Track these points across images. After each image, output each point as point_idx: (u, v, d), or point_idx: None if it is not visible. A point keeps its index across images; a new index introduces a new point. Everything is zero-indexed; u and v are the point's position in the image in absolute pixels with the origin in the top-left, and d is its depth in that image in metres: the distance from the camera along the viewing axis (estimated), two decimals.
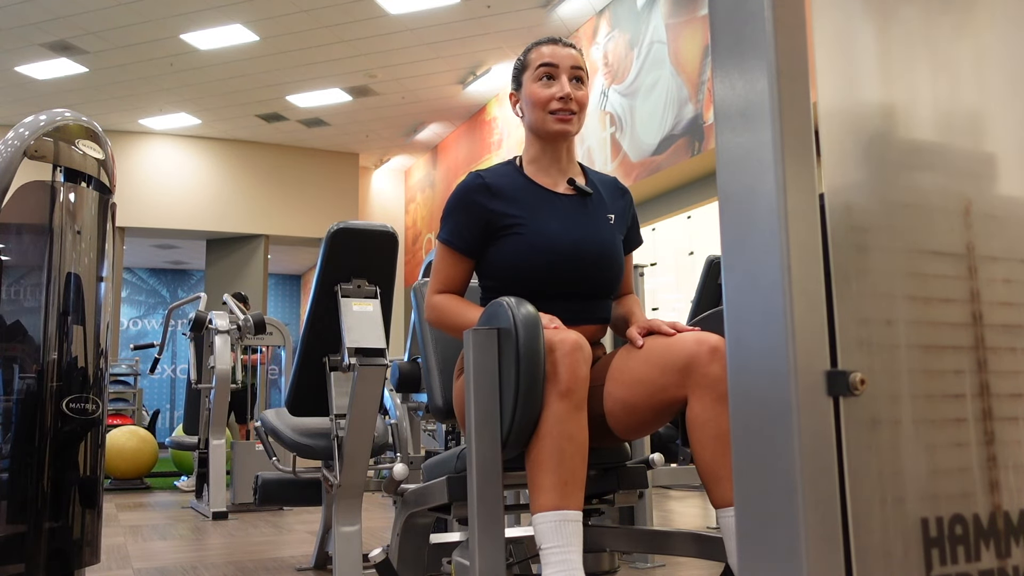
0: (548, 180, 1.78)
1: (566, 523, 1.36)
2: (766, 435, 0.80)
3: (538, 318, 1.49)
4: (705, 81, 6.26)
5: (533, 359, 1.43)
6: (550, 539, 1.35)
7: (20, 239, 2.09)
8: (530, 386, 1.43)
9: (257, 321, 4.78)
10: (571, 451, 1.40)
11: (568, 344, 1.45)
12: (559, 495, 1.38)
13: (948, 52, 0.99)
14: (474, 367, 1.48)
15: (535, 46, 1.79)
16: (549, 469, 1.39)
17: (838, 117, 0.88)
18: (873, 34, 0.93)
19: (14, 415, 1.97)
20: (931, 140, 0.95)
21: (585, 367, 1.45)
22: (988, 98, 1.02)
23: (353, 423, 2.44)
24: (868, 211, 0.88)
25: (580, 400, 1.43)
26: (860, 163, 0.89)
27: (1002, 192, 0.99)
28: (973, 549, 0.87)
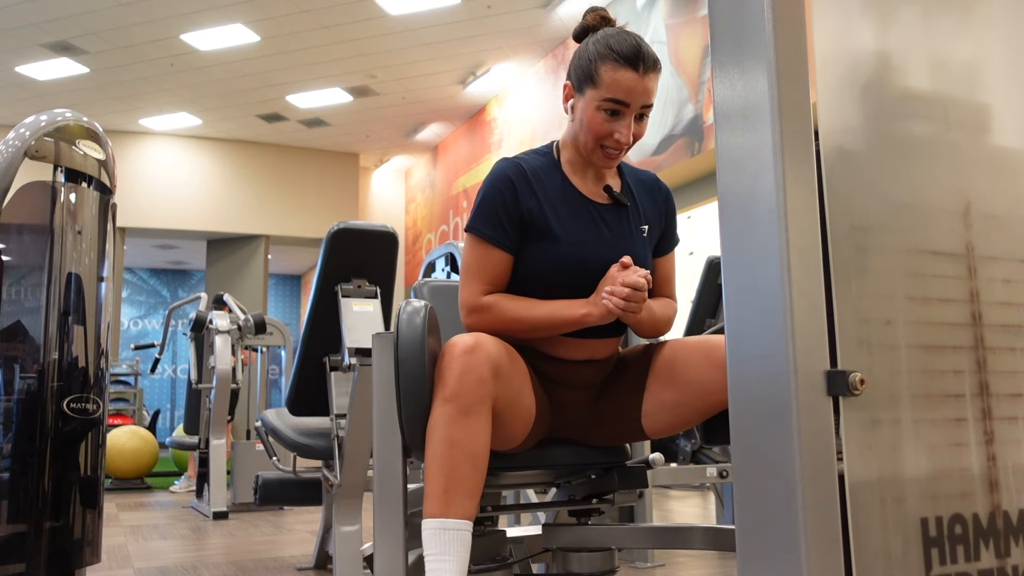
0: (585, 185, 1.65)
1: (444, 532, 1.33)
2: (766, 435, 0.80)
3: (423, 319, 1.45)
4: (705, 81, 6.26)
5: (411, 363, 1.41)
6: (428, 547, 1.34)
7: (21, 239, 2.09)
8: (409, 390, 1.41)
9: (257, 321, 4.78)
10: (455, 458, 1.36)
11: (458, 347, 1.40)
12: (439, 503, 1.35)
13: (947, 51, 0.99)
14: (375, 372, 1.49)
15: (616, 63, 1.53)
16: (432, 476, 1.36)
17: (838, 116, 0.88)
18: (872, 34, 0.93)
19: (15, 415, 1.97)
20: (931, 139, 0.95)
21: (481, 369, 1.38)
22: (988, 96, 1.02)
23: (353, 423, 2.44)
24: (868, 211, 0.88)
25: (470, 407, 1.37)
26: (860, 162, 0.89)
27: (1002, 191, 0.99)
28: (973, 549, 0.87)
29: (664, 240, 1.74)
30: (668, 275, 1.75)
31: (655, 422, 1.58)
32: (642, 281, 1.50)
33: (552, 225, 1.59)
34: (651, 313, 1.60)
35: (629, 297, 1.49)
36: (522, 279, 1.61)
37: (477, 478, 1.38)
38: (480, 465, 1.38)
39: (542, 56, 8.74)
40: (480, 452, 1.38)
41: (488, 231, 1.58)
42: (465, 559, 1.34)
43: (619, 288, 1.49)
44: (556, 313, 1.55)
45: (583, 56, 1.59)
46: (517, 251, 1.60)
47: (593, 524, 1.74)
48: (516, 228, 1.59)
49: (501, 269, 1.60)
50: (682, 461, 3.22)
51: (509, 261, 1.60)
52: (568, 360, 1.61)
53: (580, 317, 1.55)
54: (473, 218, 1.60)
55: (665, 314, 1.67)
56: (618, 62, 1.53)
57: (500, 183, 1.59)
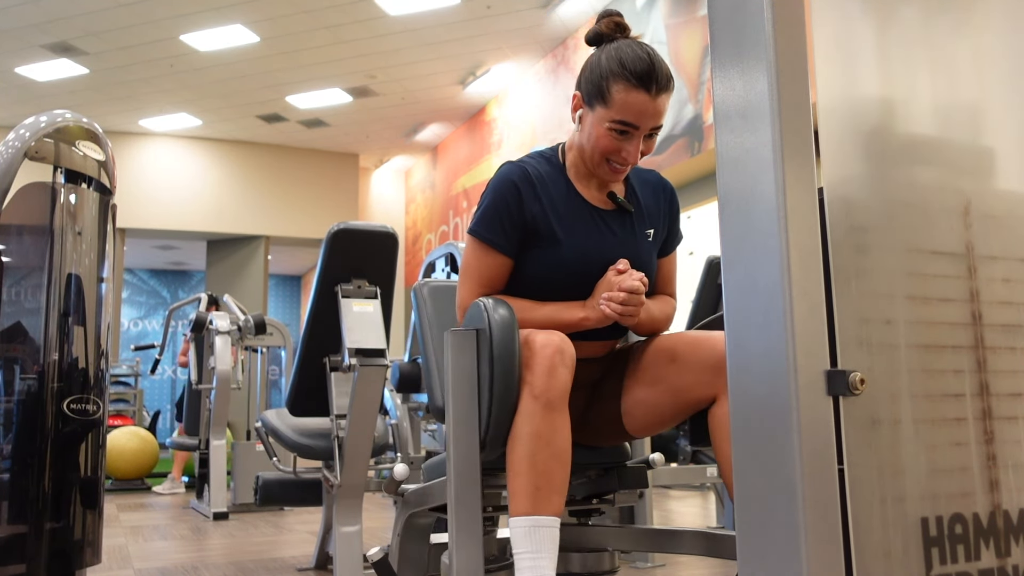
0: (590, 191, 1.64)
1: (538, 529, 1.33)
2: (766, 435, 0.80)
3: (513, 319, 1.45)
4: (705, 81, 6.26)
5: (506, 361, 1.42)
6: (521, 545, 1.33)
7: (21, 240, 2.09)
8: (503, 388, 1.41)
9: (257, 322, 4.78)
10: (545, 455, 1.36)
11: (547, 347, 1.41)
12: (531, 500, 1.35)
13: (947, 51, 0.99)
14: (452, 369, 1.49)
15: (628, 83, 1.50)
16: (522, 473, 1.36)
17: (837, 116, 0.88)
18: (872, 33, 0.94)
19: (15, 416, 1.97)
20: (930, 138, 0.95)
21: (564, 370, 1.40)
22: (987, 96, 1.02)
23: (353, 423, 2.44)
24: (868, 210, 0.88)
25: (556, 403, 1.39)
26: (860, 161, 0.89)
27: (1001, 190, 0.99)
28: (973, 548, 0.87)
29: (668, 239, 1.74)
30: (670, 274, 1.75)
31: (634, 421, 1.59)
32: (639, 285, 1.50)
33: (556, 230, 1.58)
34: (649, 314, 1.60)
35: (626, 301, 1.49)
36: (525, 283, 1.61)
37: (564, 474, 1.39)
38: (566, 461, 1.39)
39: (542, 56, 8.74)
40: (566, 448, 1.39)
41: (490, 235, 1.58)
42: (556, 556, 1.35)
43: (616, 293, 1.50)
44: (553, 316, 1.56)
45: (595, 70, 1.55)
46: (520, 255, 1.60)
47: (593, 524, 1.74)
48: (519, 233, 1.58)
49: (499, 273, 1.60)
50: (682, 461, 3.22)
51: (508, 266, 1.61)
52: None
53: (578, 321, 1.55)
54: (476, 221, 1.60)
55: (664, 313, 1.67)
56: (630, 83, 1.49)
57: (505, 188, 1.58)
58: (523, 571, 1.32)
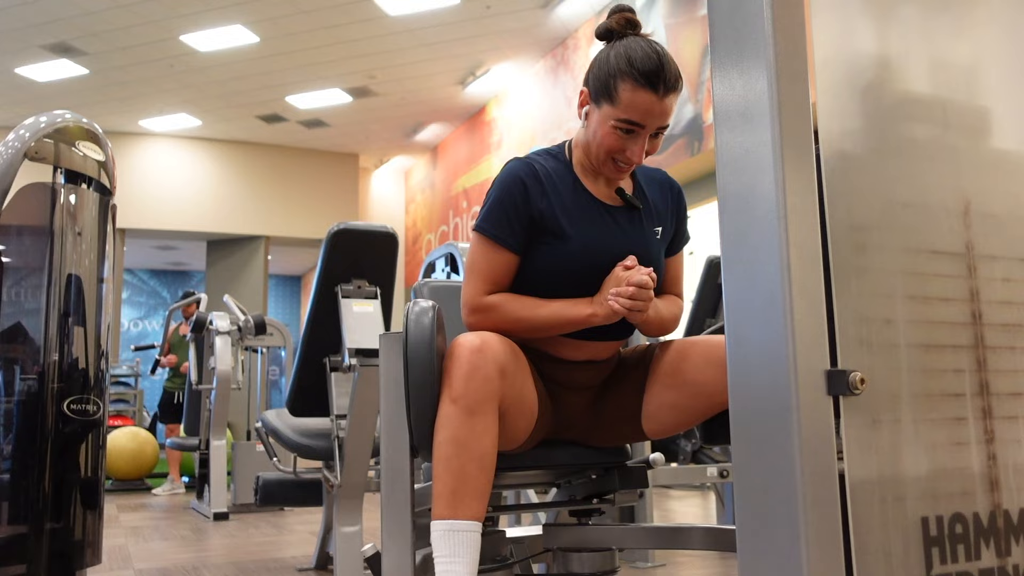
0: (597, 187, 1.63)
1: (453, 533, 1.33)
2: (766, 435, 0.80)
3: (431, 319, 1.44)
4: (704, 81, 6.26)
5: (419, 365, 1.40)
6: (439, 548, 1.33)
7: (21, 241, 2.09)
8: (417, 392, 1.41)
9: (257, 322, 4.78)
10: (463, 460, 1.35)
11: (464, 347, 1.39)
12: (449, 504, 1.34)
13: (947, 50, 0.99)
14: (382, 373, 1.49)
15: (636, 83, 1.48)
16: (440, 477, 1.36)
17: (837, 116, 0.88)
18: (872, 33, 0.94)
19: (15, 416, 1.97)
20: (931, 139, 0.95)
21: (488, 368, 1.38)
22: (987, 96, 1.02)
23: (354, 423, 2.44)
24: (868, 210, 0.88)
25: (477, 407, 1.37)
26: (859, 161, 0.89)
27: (1001, 190, 0.99)
28: (973, 548, 0.87)
29: (675, 239, 1.73)
30: (677, 273, 1.74)
31: (656, 423, 1.58)
32: (647, 280, 1.49)
33: (564, 226, 1.57)
34: (657, 312, 1.59)
35: (635, 296, 1.48)
36: (533, 279, 1.59)
37: (485, 479, 1.37)
38: (488, 465, 1.38)
39: (542, 56, 8.74)
40: (488, 452, 1.37)
41: (496, 232, 1.56)
42: (475, 560, 1.34)
43: (624, 288, 1.49)
44: (560, 313, 1.55)
45: (603, 67, 1.53)
46: (528, 252, 1.59)
47: (593, 524, 1.74)
48: (525, 230, 1.57)
49: (506, 270, 1.58)
50: (682, 461, 3.22)
51: (515, 263, 1.59)
52: (570, 361, 1.61)
53: (585, 317, 1.54)
54: (482, 218, 1.58)
55: (671, 312, 1.66)
56: (638, 82, 1.48)
57: (512, 184, 1.57)
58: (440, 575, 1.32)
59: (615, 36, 1.57)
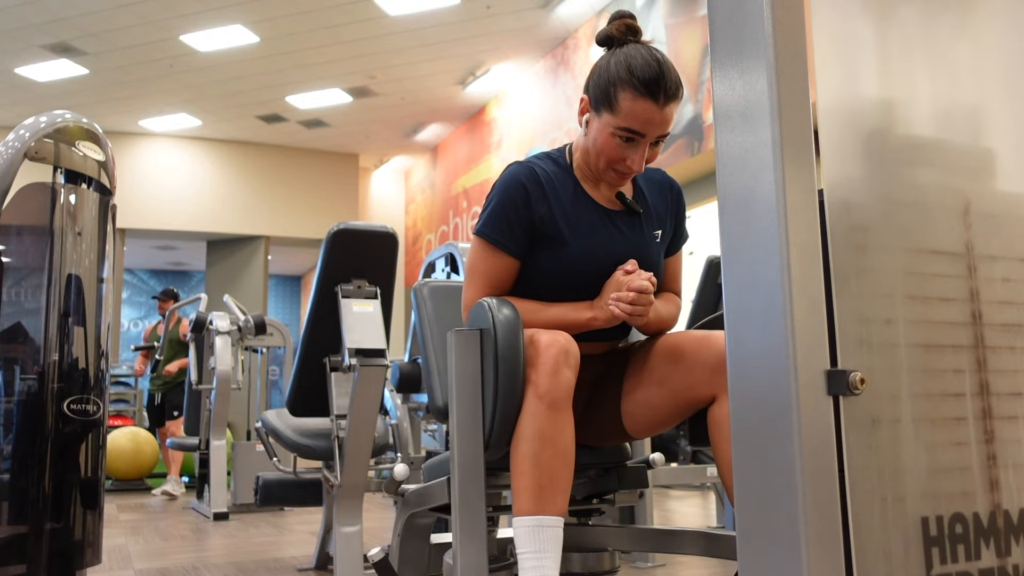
0: (598, 191, 1.63)
1: (541, 529, 1.33)
2: (766, 435, 0.80)
3: (518, 320, 1.45)
4: (704, 81, 6.26)
5: (511, 361, 1.42)
6: (525, 545, 1.33)
7: (21, 241, 2.09)
8: (508, 388, 1.41)
9: (257, 322, 4.78)
10: (549, 455, 1.36)
11: (552, 347, 1.40)
12: (535, 500, 1.34)
13: (947, 51, 0.99)
14: (456, 369, 1.48)
15: (636, 91, 1.48)
16: (526, 472, 1.36)
17: (837, 116, 0.88)
18: (872, 33, 0.94)
19: (15, 416, 1.97)
20: (930, 138, 0.95)
21: (568, 370, 1.40)
22: (987, 96, 1.02)
23: (354, 423, 2.44)
24: (868, 210, 0.88)
25: (560, 403, 1.39)
26: (859, 161, 0.89)
27: (1001, 190, 0.99)
28: (973, 548, 0.87)
29: (674, 238, 1.73)
30: (676, 272, 1.75)
31: (635, 422, 1.58)
32: (647, 285, 1.49)
33: (564, 230, 1.57)
34: (657, 313, 1.60)
35: (635, 301, 1.49)
36: (534, 283, 1.60)
37: (568, 474, 1.38)
38: (570, 461, 1.39)
39: (541, 56, 8.74)
40: (570, 447, 1.39)
41: (497, 236, 1.57)
42: (559, 556, 1.34)
43: (625, 293, 1.49)
44: (561, 317, 1.55)
45: (603, 75, 1.53)
46: (529, 256, 1.59)
47: (593, 524, 1.74)
48: (526, 234, 1.58)
49: (506, 274, 1.59)
50: (682, 461, 3.22)
51: (515, 267, 1.60)
52: None
53: (586, 321, 1.55)
54: (483, 222, 1.59)
55: (670, 311, 1.67)
56: (638, 91, 1.47)
57: (512, 189, 1.57)
58: (527, 571, 1.32)
59: (615, 43, 1.57)
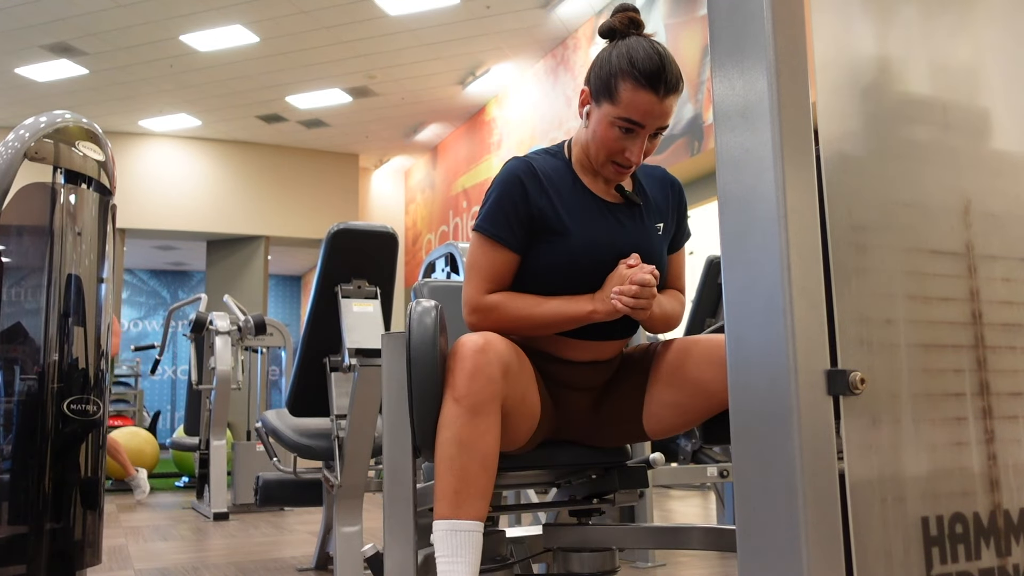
0: (597, 185, 1.63)
1: (456, 533, 1.33)
2: (766, 435, 0.80)
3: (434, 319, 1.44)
4: (704, 81, 6.26)
5: (424, 362, 1.41)
6: (440, 548, 1.33)
7: (21, 241, 2.09)
8: (420, 392, 1.41)
9: (257, 322, 4.78)
10: (466, 459, 1.35)
11: (475, 352, 1.39)
12: (450, 504, 1.34)
13: (947, 50, 0.99)
14: (384, 372, 1.49)
15: (636, 82, 1.48)
16: (443, 477, 1.36)
17: (837, 115, 0.88)
18: (872, 33, 0.94)
19: (15, 416, 1.97)
20: (931, 138, 0.95)
21: (491, 368, 1.38)
22: (987, 96, 1.02)
23: (354, 423, 2.44)
24: (868, 210, 0.88)
25: (481, 407, 1.37)
26: (859, 162, 0.89)
27: (1001, 190, 0.99)
28: (973, 547, 0.87)
29: (677, 235, 1.73)
30: (679, 269, 1.74)
31: (657, 423, 1.58)
32: (650, 278, 1.49)
33: (565, 222, 1.57)
34: (661, 308, 1.59)
35: (638, 294, 1.48)
36: (534, 277, 1.59)
37: (487, 479, 1.37)
38: (490, 465, 1.38)
39: (541, 56, 8.74)
40: (490, 452, 1.38)
41: (495, 231, 1.56)
42: (476, 560, 1.34)
43: (627, 287, 1.49)
44: (561, 310, 1.55)
45: (604, 66, 1.53)
46: (529, 250, 1.59)
47: (594, 524, 1.74)
48: (525, 229, 1.57)
49: (506, 269, 1.59)
50: (682, 461, 3.22)
51: (515, 262, 1.59)
52: (573, 361, 1.61)
53: (587, 314, 1.54)
54: (482, 217, 1.59)
55: (674, 308, 1.66)
56: (639, 82, 1.48)
57: (510, 183, 1.57)
58: (442, 574, 1.33)
59: (618, 35, 1.58)
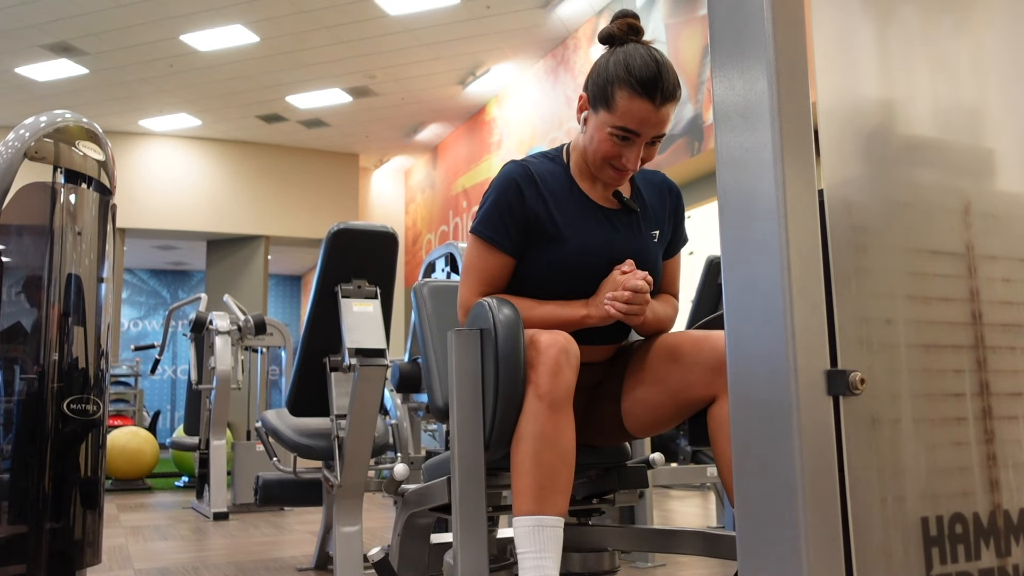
0: (595, 190, 1.64)
1: (542, 529, 1.34)
2: (766, 435, 0.80)
3: (519, 319, 1.45)
4: (704, 81, 6.26)
5: (511, 361, 1.42)
6: (525, 545, 1.34)
7: (21, 240, 2.09)
8: (509, 389, 1.41)
9: (257, 322, 4.78)
10: (549, 455, 1.37)
11: (552, 346, 1.40)
12: (536, 500, 1.35)
13: (947, 51, 0.99)
14: (456, 369, 1.49)
15: (633, 91, 1.49)
16: (526, 473, 1.37)
17: (837, 116, 0.88)
18: (872, 33, 0.94)
19: (15, 416, 1.97)
20: (930, 138, 0.95)
21: (569, 370, 1.40)
22: (987, 96, 1.02)
23: (354, 423, 2.44)
24: (868, 210, 0.88)
25: (561, 403, 1.39)
26: (860, 161, 0.89)
27: (1001, 190, 0.99)
28: (973, 548, 0.87)
29: (673, 241, 1.74)
30: (674, 274, 1.75)
31: (635, 421, 1.58)
32: (643, 285, 1.50)
33: (561, 227, 1.58)
34: (654, 313, 1.60)
35: (631, 301, 1.49)
36: (529, 281, 1.60)
37: (568, 474, 1.39)
38: (571, 461, 1.39)
39: (541, 56, 8.74)
40: (571, 448, 1.39)
41: (492, 234, 1.58)
42: (559, 556, 1.35)
43: (621, 293, 1.50)
44: (555, 314, 1.55)
45: (601, 73, 1.53)
46: (525, 254, 1.60)
47: (593, 524, 1.74)
48: (521, 232, 1.58)
49: (501, 272, 1.60)
50: (682, 461, 3.22)
51: (510, 265, 1.60)
52: None
53: (580, 319, 1.55)
54: (478, 220, 1.60)
55: (667, 313, 1.67)
56: (635, 90, 1.48)
57: (507, 187, 1.58)
58: (527, 571, 1.32)
59: (616, 41, 1.58)
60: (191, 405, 5.50)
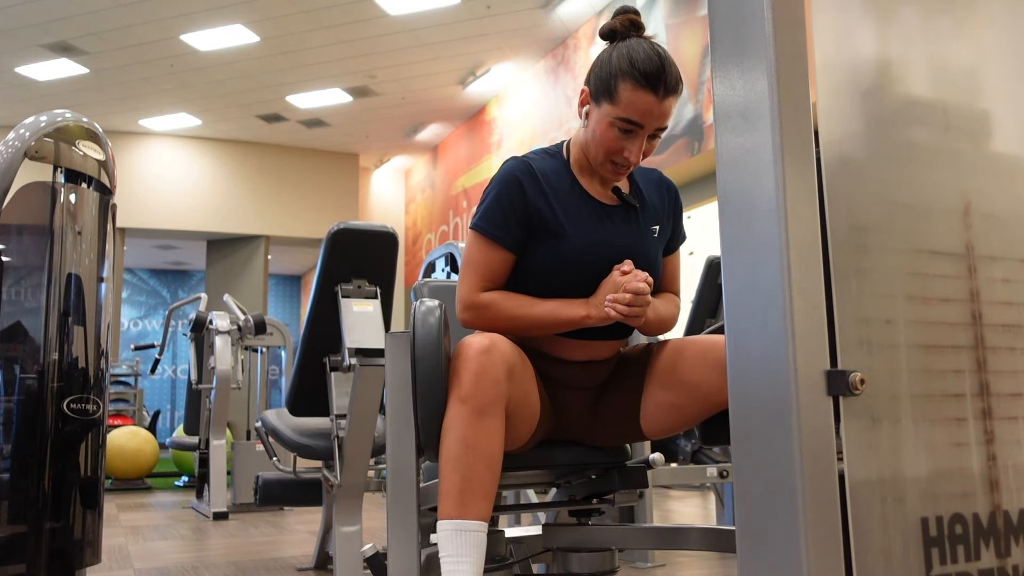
0: (594, 186, 1.64)
1: (461, 533, 1.33)
2: (766, 435, 0.80)
3: (438, 319, 1.44)
4: (705, 81, 6.26)
5: (428, 362, 1.41)
6: (445, 548, 1.34)
7: (21, 240, 2.09)
8: (425, 392, 1.41)
9: (257, 321, 4.78)
10: (471, 460, 1.36)
11: (481, 353, 1.39)
12: (457, 504, 1.35)
13: (947, 51, 0.99)
14: (388, 371, 1.49)
15: (636, 83, 1.49)
16: (448, 477, 1.36)
17: (837, 116, 0.88)
18: (872, 34, 0.93)
19: (15, 416, 1.97)
20: (931, 139, 0.95)
21: (496, 370, 1.39)
22: (987, 97, 1.02)
23: (353, 423, 2.44)
24: (868, 210, 0.88)
25: (486, 408, 1.37)
26: (860, 162, 0.89)
27: (1001, 191, 0.99)
28: (973, 548, 0.87)
29: (672, 238, 1.74)
30: (674, 272, 1.75)
31: (653, 423, 1.58)
32: (644, 286, 1.50)
33: (562, 223, 1.58)
34: (656, 312, 1.60)
35: (631, 303, 1.49)
36: (530, 277, 1.60)
37: (492, 479, 1.38)
38: (495, 466, 1.38)
39: (542, 56, 8.74)
40: (495, 453, 1.38)
41: (492, 230, 1.57)
42: (481, 560, 1.35)
43: (621, 295, 1.49)
44: (554, 313, 1.55)
45: (604, 66, 1.54)
46: (525, 250, 1.59)
47: (593, 524, 1.74)
48: (522, 228, 1.58)
49: (501, 268, 1.59)
50: (682, 461, 3.22)
51: (510, 261, 1.60)
52: (570, 361, 1.61)
53: (579, 319, 1.55)
54: (479, 216, 1.60)
55: (669, 311, 1.67)
56: (638, 82, 1.49)
57: (508, 183, 1.58)
58: (446, 574, 1.33)
59: (618, 37, 1.59)
60: (191, 405, 5.50)
